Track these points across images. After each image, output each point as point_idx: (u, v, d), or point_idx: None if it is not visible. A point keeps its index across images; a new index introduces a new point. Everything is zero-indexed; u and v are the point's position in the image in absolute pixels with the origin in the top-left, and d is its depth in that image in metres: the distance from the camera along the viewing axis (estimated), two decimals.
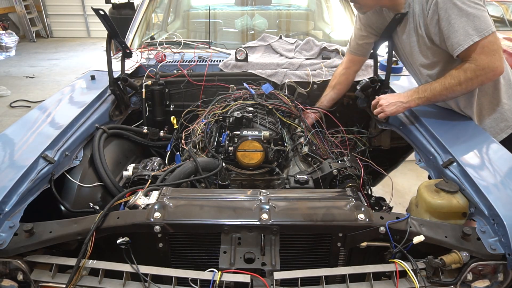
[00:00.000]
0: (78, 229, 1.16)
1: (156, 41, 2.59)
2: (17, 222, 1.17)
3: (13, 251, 1.12)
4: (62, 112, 1.69)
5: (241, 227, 1.16)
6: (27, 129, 1.57)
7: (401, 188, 3.81)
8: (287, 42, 2.55)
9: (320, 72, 2.22)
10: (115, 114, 1.97)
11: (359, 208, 1.20)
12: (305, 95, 2.21)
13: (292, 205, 1.26)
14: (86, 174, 1.55)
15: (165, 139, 2.07)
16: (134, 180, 1.60)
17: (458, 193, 1.29)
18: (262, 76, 2.21)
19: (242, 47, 2.32)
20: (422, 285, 1.10)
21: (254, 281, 1.07)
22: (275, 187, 1.68)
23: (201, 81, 2.18)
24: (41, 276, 1.14)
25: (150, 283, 1.10)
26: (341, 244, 1.20)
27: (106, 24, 1.81)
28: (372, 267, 1.14)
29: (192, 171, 1.54)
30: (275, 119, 1.98)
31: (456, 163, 1.39)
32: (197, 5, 3.50)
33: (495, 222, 1.16)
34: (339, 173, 1.60)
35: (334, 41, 2.76)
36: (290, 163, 1.81)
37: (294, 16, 3.39)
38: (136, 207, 1.26)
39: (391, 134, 2.18)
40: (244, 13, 3.12)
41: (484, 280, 1.15)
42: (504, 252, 1.11)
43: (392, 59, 1.92)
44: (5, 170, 1.28)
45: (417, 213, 1.34)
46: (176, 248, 1.21)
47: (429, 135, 1.60)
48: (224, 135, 1.70)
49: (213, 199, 1.29)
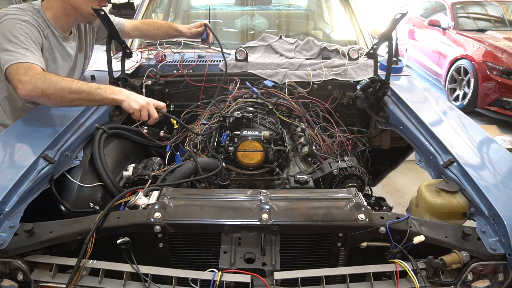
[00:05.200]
0: (78, 229, 1.16)
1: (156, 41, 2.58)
2: (17, 222, 1.17)
3: (13, 251, 1.12)
4: (62, 112, 1.69)
5: (241, 227, 1.16)
6: (27, 129, 1.57)
7: (401, 188, 3.81)
8: (287, 42, 2.55)
9: (320, 72, 2.22)
10: (115, 114, 1.96)
11: (359, 208, 1.20)
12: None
13: (292, 205, 1.26)
14: (86, 174, 1.55)
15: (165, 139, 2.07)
16: (134, 180, 1.60)
17: (458, 193, 1.29)
18: (262, 76, 2.20)
19: (242, 47, 2.31)
20: (422, 285, 1.10)
21: (255, 281, 1.07)
22: (275, 187, 1.68)
23: (201, 81, 2.18)
24: (41, 276, 1.13)
25: (150, 283, 1.10)
26: (341, 244, 1.20)
27: (106, 24, 1.81)
28: (372, 267, 1.14)
29: (192, 171, 1.54)
30: (275, 119, 1.98)
31: (456, 163, 1.39)
32: (197, 5, 3.50)
33: (495, 222, 1.16)
34: (339, 173, 1.60)
35: (334, 41, 2.76)
36: (290, 163, 1.81)
37: (294, 16, 3.39)
38: (136, 207, 1.26)
39: (391, 134, 2.18)
40: (244, 13, 3.11)
41: (484, 280, 1.16)
42: (504, 252, 1.11)
43: (392, 59, 1.92)
44: (5, 170, 1.28)
45: (417, 213, 1.35)
46: (176, 248, 1.21)
47: (429, 135, 1.60)
48: (224, 135, 1.70)
49: (213, 199, 1.29)
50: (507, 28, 6.49)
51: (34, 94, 1.52)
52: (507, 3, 6.84)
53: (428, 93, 2.03)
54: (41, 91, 1.51)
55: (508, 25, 6.58)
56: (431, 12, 7.43)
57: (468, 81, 5.65)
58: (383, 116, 1.97)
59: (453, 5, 6.68)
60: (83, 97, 1.57)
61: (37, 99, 1.57)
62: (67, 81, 1.56)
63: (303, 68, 2.25)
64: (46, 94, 1.52)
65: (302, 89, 2.19)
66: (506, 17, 6.72)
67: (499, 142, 1.58)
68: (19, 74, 1.52)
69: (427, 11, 7.62)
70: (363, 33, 2.76)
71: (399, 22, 1.71)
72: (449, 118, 1.72)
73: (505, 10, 6.80)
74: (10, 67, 1.55)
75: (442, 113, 1.77)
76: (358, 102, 2.22)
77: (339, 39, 2.91)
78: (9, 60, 1.55)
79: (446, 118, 1.73)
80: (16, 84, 1.53)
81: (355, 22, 2.87)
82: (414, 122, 1.73)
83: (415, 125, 1.72)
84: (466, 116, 1.76)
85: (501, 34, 5.99)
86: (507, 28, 6.48)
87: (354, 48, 2.36)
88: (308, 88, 2.19)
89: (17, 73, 1.53)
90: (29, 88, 1.50)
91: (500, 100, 5.25)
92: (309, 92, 2.19)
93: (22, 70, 1.53)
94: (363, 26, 2.80)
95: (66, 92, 1.53)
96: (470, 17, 6.73)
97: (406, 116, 1.80)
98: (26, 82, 1.51)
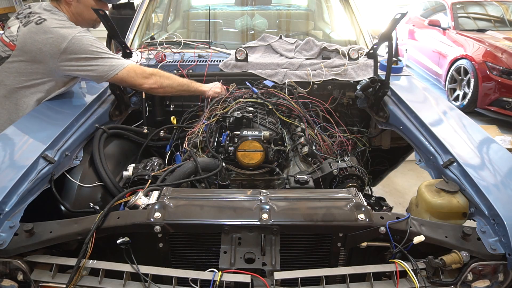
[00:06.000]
0: (78, 229, 1.16)
1: (156, 41, 2.58)
2: (17, 222, 1.17)
3: (13, 251, 1.12)
4: (62, 112, 1.69)
5: (241, 227, 1.16)
6: (27, 129, 1.57)
7: (401, 188, 3.81)
8: (287, 42, 2.55)
9: (320, 72, 2.22)
10: (115, 114, 1.97)
11: (359, 208, 1.20)
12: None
13: (292, 205, 1.26)
14: (86, 174, 1.55)
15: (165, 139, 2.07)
16: (134, 180, 1.59)
17: (458, 193, 1.29)
18: (262, 76, 2.20)
19: (242, 47, 2.31)
20: (422, 285, 1.10)
21: (255, 281, 1.07)
22: (275, 187, 1.68)
23: (201, 81, 2.18)
24: (41, 276, 1.13)
25: (150, 283, 1.10)
26: (341, 244, 1.20)
27: (106, 24, 1.81)
28: (372, 267, 1.14)
29: (192, 171, 1.54)
30: (275, 119, 1.98)
31: (456, 163, 1.39)
32: (197, 5, 3.50)
33: (495, 222, 1.16)
34: (339, 173, 1.60)
35: (334, 41, 2.76)
36: (290, 163, 1.81)
37: (294, 16, 3.39)
38: (136, 207, 1.26)
39: (391, 134, 2.18)
40: (244, 13, 3.11)
41: (484, 280, 1.15)
42: (504, 252, 1.11)
43: (392, 59, 1.92)
44: (5, 170, 1.28)
45: (417, 213, 1.35)
46: (176, 248, 1.21)
47: (429, 135, 1.60)
48: (224, 135, 1.70)
49: (213, 199, 1.29)
50: (507, 28, 6.49)
51: (156, 86, 1.88)
52: (507, 3, 6.85)
53: (428, 93, 2.03)
54: (160, 84, 1.89)
55: (508, 25, 6.58)
56: (431, 12, 7.43)
57: (468, 81, 5.65)
58: (383, 116, 1.97)
59: (453, 5, 6.68)
60: (185, 89, 2.00)
61: (154, 91, 1.91)
62: (172, 76, 1.98)
63: (303, 68, 2.25)
64: (163, 86, 1.91)
65: (302, 89, 2.19)
66: (506, 17, 6.72)
67: (499, 142, 1.58)
68: (138, 73, 1.83)
69: (427, 11, 7.62)
70: (363, 33, 2.76)
71: (399, 22, 1.71)
72: (449, 118, 1.72)
73: (505, 10, 6.80)
74: (122, 72, 1.78)
75: (442, 113, 1.77)
76: (358, 102, 2.22)
77: (339, 39, 2.91)
78: (114, 67, 1.76)
79: (446, 118, 1.73)
80: (142, 81, 1.84)
81: (355, 22, 2.87)
82: (414, 122, 1.73)
83: (415, 125, 1.72)
84: (466, 116, 1.76)
85: (501, 34, 5.99)
86: (507, 28, 6.49)
87: (354, 48, 2.36)
88: (308, 88, 2.19)
89: (136, 73, 1.82)
90: (152, 83, 1.86)
91: (500, 100, 5.25)
92: (309, 92, 2.19)
93: (138, 70, 1.84)
94: (363, 26, 2.80)
95: (176, 85, 1.95)
96: (470, 17, 6.73)
97: (406, 116, 1.80)
98: (150, 78, 1.86)
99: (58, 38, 1.68)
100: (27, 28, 1.71)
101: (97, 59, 1.74)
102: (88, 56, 1.72)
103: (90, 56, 1.72)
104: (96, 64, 1.73)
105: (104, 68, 1.74)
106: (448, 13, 6.65)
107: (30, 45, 1.68)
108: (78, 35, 1.72)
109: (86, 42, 1.72)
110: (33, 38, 1.68)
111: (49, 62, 1.70)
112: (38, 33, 1.68)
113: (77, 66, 1.73)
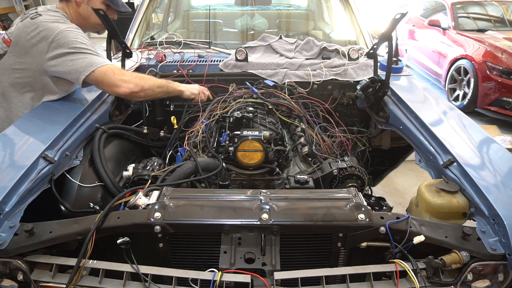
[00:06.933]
0: (78, 229, 1.16)
1: (156, 41, 2.58)
2: (17, 222, 1.17)
3: (13, 251, 1.12)
4: (62, 112, 1.69)
5: (241, 227, 1.16)
6: (27, 129, 1.57)
7: (401, 188, 3.81)
8: (287, 42, 2.55)
9: (320, 72, 2.22)
10: (115, 114, 1.97)
11: (359, 208, 1.20)
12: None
13: (292, 205, 1.26)
14: (86, 174, 1.55)
15: (165, 139, 2.07)
16: (134, 180, 1.60)
17: (458, 193, 1.29)
18: (262, 76, 2.21)
19: (242, 47, 2.31)
20: (422, 285, 1.10)
21: (255, 281, 1.07)
22: (275, 187, 1.68)
23: (201, 81, 2.18)
24: (41, 276, 1.13)
25: (150, 283, 1.10)
26: (341, 244, 1.20)
27: (106, 24, 1.81)
28: (372, 267, 1.14)
29: (192, 171, 1.54)
30: (275, 119, 1.98)
31: (456, 163, 1.39)
32: (197, 5, 3.50)
33: (495, 222, 1.16)
34: (339, 173, 1.60)
35: (334, 41, 2.76)
36: (290, 163, 1.81)
37: (294, 16, 3.39)
38: (136, 207, 1.26)
39: (391, 134, 2.18)
40: (244, 13, 3.11)
41: (484, 280, 1.15)
42: (504, 252, 1.11)
43: (392, 59, 1.92)
44: (5, 170, 1.28)
45: (417, 213, 1.35)
46: (176, 248, 1.21)
47: (429, 135, 1.60)
48: (224, 135, 1.70)
49: (213, 199, 1.29)
50: (507, 28, 6.49)
51: (136, 90, 1.73)
52: (507, 3, 6.85)
53: (428, 93, 2.03)
54: (141, 87, 1.74)
55: (508, 25, 6.58)
56: (431, 12, 7.43)
57: (468, 81, 5.65)
58: (383, 116, 1.97)
59: (453, 5, 6.68)
60: (164, 90, 1.87)
61: (134, 95, 1.75)
62: (151, 78, 1.86)
63: (303, 68, 2.25)
64: (144, 89, 1.75)
65: (302, 89, 2.19)
66: (506, 17, 6.72)
67: (499, 142, 1.58)
68: (117, 74, 1.69)
69: (427, 11, 7.62)
70: (363, 33, 2.76)
71: (399, 22, 1.71)
72: (449, 118, 1.72)
73: (505, 10, 6.80)
74: (99, 70, 1.66)
75: (442, 113, 1.77)
76: (358, 102, 2.22)
77: (339, 39, 2.91)
78: (92, 63, 1.65)
79: (446, 118, 1.73)
80: (119, 83, 1.69)
81: (355, 22, 2.87)
82: (414, 122, 1.73)
83: (415, 125, 1.72)
84: (466, 116, 1.76)
85: (501, 34, 5.99)
86: (507, 28, 6.49)
87: (354, 48, 2.36)
88: (308, 88, 2.19)
89: (114, 73, 1.69)
90: (132, 86, 1.71)
91: (500, 100, 5.25)
92: (309, 92, 2.18)
93: (116, 71, 1.71)
94: (363, 26, 2.80)
95: (155, 87, 1.82)
96: (470, 17, 6.73)
97: (406, 116, 1.80)
98: (129, 81, 1.71)
99: (47, 32, 1.67)
100: (22, 23, 1.73)
101: (77, 53, 1.66)
102: (70, 51, 1.66)
103: (72, 51, 1.66)
104: (76, 59, 1.66)
105: (82, 63, 1.65)
106: (448, 13, 6.65)
107: (23, 38, 1.69)
108: (67, 29, 1.69)
109: (72, 37, 1.68)
110: (25, 32, 1.69)
111: (37, 57, 1.69)
112: (30, 27, 1.69)
113: (60, 61, 1.67)
